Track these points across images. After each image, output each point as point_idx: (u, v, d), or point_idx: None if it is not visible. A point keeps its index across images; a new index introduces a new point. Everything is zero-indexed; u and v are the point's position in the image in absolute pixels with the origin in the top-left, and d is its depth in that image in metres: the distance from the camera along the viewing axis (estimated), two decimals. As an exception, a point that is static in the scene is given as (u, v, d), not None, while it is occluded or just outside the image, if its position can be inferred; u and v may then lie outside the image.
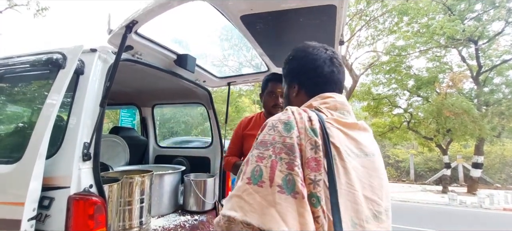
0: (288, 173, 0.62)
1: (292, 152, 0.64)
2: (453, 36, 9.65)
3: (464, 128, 9.58)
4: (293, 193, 0.60)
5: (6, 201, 1.18)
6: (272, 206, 0.59)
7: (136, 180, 1.56)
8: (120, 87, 2.60)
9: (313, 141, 0.66)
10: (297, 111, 0.72)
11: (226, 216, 0.62)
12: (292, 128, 0.67)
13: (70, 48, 1.40)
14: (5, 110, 1.82)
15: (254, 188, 0.62)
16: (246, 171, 0.66)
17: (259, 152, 0.67)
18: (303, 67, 0.86)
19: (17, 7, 9.81)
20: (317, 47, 0.87)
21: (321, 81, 0.84)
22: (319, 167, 0.64)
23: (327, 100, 0.79)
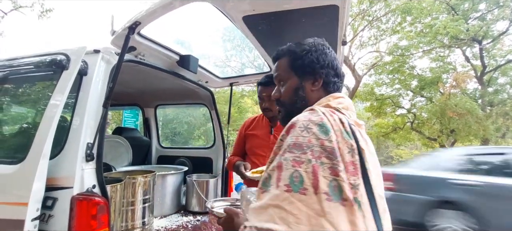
0: (332, 178, 0.57)
1: (334, 156, 0.59)
2: (457, 36, 9.59)
3: (468, 128, 9.51)
4: (342, 200, 0.56)
5: (9, 201, 1.19)
6: (321, 216, 0.53)
7: (139, 180, 1.57)
8: (123, 88, 2.61)
9: (349, 144, 0.62)
10: (327, 112, 0.68)
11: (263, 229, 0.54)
12: (329, 131, 0.62)
13: (74, 49, 1.41)
14: (9, 111, 1.84)
15: (297, 196, 0.55)
16: (281, 177, 0.59)
17: (294, 155, 0.59)
18: (330, 62, 0.82)
19: (22, 9, 9.91)
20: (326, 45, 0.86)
21: (338, 80, 0.83)
22: (357, 171, 0.61)
23: (341, 101, 0.76)
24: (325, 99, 0.78)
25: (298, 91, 0.84)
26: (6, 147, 1.67)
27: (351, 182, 0.59)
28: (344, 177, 0.58)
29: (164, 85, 2.45)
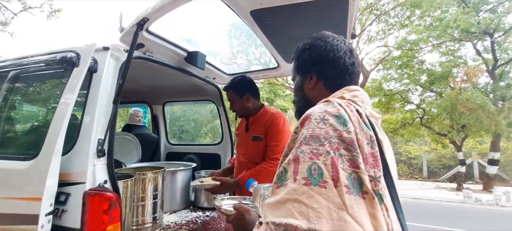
0: (352, 171, 0.55)
1: (354, 148, 0.57)
2: (468, 29, 9.36)
3: (479, 123, 9.30)
4: (362, 193, 0.54)
5: (24, 197, 1.22)
6: (342, 210, 0.51)
7: (149, 176, 1.58)
8: (132, 85, 2.64)
9: (368, 135, 0.60)
10: (344, 103, 0.65)
11: (282, 225, 0.52)
12: (346, 122, 0.60)
13: (83, 46, 1.42)
14: (22, 108, 1.87)
15: (316, 189, 0.53)
16: (298, 170, 0.56)
17: (311, 147, 0.57)
18: (324, 57, 0.80)
19: (31, 9, 10.08)
20: (336, 37, 0.83)
21: (343, 73, 0.79)
22: (377, 163, 0.59)
23: (356, 94, 0.73)
24: (339, 92, 0.75)
25: (299, 90, 0.86)
26: (20, 144, 1.71)
27: (371, 174, 0.57)
28: (364, 169, 0.56)
29: (172, 82, 2.46)
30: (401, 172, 15.18)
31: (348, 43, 0.84)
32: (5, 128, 1.70)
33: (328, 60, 0.80)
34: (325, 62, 0.80)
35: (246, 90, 1.85)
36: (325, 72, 0.80)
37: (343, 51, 0.80)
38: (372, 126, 0.64)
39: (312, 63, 0.82)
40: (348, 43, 0.84)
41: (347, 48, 0.81)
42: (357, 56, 0.84)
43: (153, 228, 1.60)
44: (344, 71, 0.79)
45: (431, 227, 5.53)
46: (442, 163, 14.15)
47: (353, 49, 0.83)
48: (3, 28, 9.95)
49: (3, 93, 1.67)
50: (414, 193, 9.73)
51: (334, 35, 0.85)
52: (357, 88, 0.76)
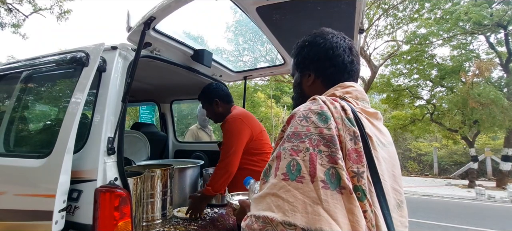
0: (330, 166, 0.56)
1: (333, 144, 0.58)
2: (480, 21, 9.09)
3: (492, 119, 9.06)
4: (339, 188, 0.55)
5: (38, 193, 1.25)
6: (317, 204, 0.53)
7: (158, 173, 1.60)
8: (139, 84, 2.67)
9: (351, 131, 0.61)
10: (328, 100, 0.66)
11: (260, 217, 0.55)
12: (328, 118, 0.61)
13: (92, 46, 1.44)
14: (34, 108, 1.92)
15: (293, 184, 0.56)
16: (279, 166, 0.59)
17: (292, 144, 0.60)
18: (322, 55, 0.80)
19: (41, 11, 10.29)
20: (336, 35, 0.82)
21: (341, 71, 0.79)
22: (361, 159, 0.59)
23: (349, 90, 0.74)
24: (332, 89, 0.76)
25: (298, 87, 0.87)
26: (33, 142, 1.76)
27: (354, 170, 0.58)
28: (343, 165, 0.57)
29: (179, 80, 2.48)
30: (411, 169, 14.96)
31: (348, 40, 0.83)
32: (19, 127, 1.75)
33: (327, 57, 0.79)
34: (323, 60, 0.80)
35: (214, 97, 1.97)
36: (323, 70, 0.80)
37: (342, 48, 0.80)
38: (359, 121, 0.64)
39: (311, 60, 0.82)
40: (348, 40, 0.83)
41: (346, 45, 0.81)
42: (357, 53, 0.83)
43: (163, 224, 1.62)
44: (342, 69, 0.79)
45: (443, 225, 5.44)
46: (453, 160, 13.87)
47: (353, 47, 0.83)
48: (15, 30, 10.20)
49: (16, 93, 1.72)
50: (424, 190, 9.57)
51: (334, 32, 0.84)
52: (352, 84, 0.77)
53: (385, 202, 0.60)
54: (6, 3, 9.66)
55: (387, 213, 0.60)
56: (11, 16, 10.00)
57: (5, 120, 1.70)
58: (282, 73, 2.74)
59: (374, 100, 17.96)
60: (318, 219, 0.51)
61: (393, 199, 0.67)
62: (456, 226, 5.35)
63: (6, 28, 10.03)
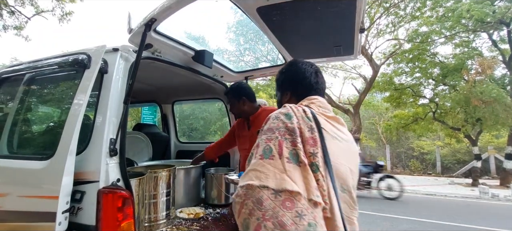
0: (292, 148, 0.80)
1: (294, 133, 0.82)
2: (482, 19, 9.02)
3: (495, 117, 8.99)
4: (298, 163, 0.79)
5: (42, 195, 1.26)
6: (283, 173, 0.76)
7: (160, 174, 1.61)
8: (141, 86, 2.68)
9: (309, 124, 0.86)
10: (293, 106, 0.92)
11: (244, 185, 0.77)
12: (291, 117, 0.86)
13: (94, 48, 1.45)
14: (37, 110, 1.93)
15: (267, 161, 0.79)
16: (258, 151, 0.82)
17: (267, 136, 0.84)
18: (294, 79, 1.10)
19: (43, 13, 10.34)
20: (305, 63, 1.12)
21: (309, 89, 1.07)
22: (316, 143, 0.83)
23: (313, 101, 1.01)
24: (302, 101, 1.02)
25: (279, 103, 1.15)
26: (36, 144, 1.77)
27: (310, 151, 0.82)
28: (301, 147, 0.81)
29: (181, 81, 2.49)
30: (413, 168, 14.89)
31: (314, 67, 1.11)
32: (22, 129, 1.76)
33: (298, 81, 1.09)
34: (295, 83, 1.10)
35: (243, 95, 2.08)
36: (296, 90, 1.10)
37: (309, 73, 1.09)
38: (316, 119, 0.88)
39: (288, 84, 1.12)
40: (314, 67, 1.11)
41: (312, 70, 1.09)
42: (321, 75, 1.11)
43: (165, 224, 1.63)
44: (310, 88, 1.07)
45: (446, 224, 5.41)
46: (456, 158, 13.79)
47: (318, 70, 1.11)
48: (18, 33, 10.26)
49: (19, 95, 1.74)
50: (427, 189, 9.53)
51: (304, 62, 1.13)
52: (316, 97, 1.04)
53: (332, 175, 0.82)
54: (8, 6, 9.72)
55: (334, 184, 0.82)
56: (13, 19, 10.07)
57: (8, 122, 1.71)
58: (283, 73, 2.74)
59: (376, 99, 17.91)
60: (283, 182, 0.75)
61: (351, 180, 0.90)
62: (459, 225, 5.33)
63: (8, 31, 10.10)
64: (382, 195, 7.72)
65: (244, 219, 0.75)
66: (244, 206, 0.76)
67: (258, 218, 0.72)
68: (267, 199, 0.73)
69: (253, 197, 0.74)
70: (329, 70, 14.16)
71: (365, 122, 17.46)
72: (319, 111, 0.95)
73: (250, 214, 0.74)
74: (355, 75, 14.26)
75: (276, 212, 0.71)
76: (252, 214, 0.73)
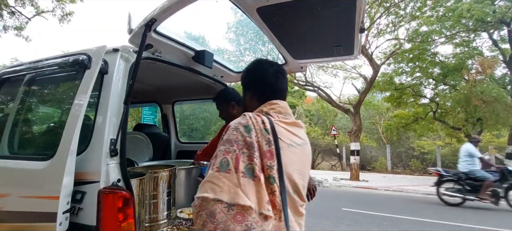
0: (248, 162, 0.83)
1: (252, 148, 0.85)
2: (482, 18, 9.02)
3: (495, 116, 9.00)
4: (253, 177, 0.82)
5: (42, 195, 1.26)
6: (237, 187, 0.79)
7: (161, 174, 1.61)
8: (141, 86, 2.68)
9: (267, 138, 0.89)
10: (253, 116, 0.93)
11: (200, 197, 0.80)
12: (251, 130, 0.88)
13: (94, 49, 1.45)
14: (38, 110, 1.94)
15: (223, 174, 0.81)
16: (215, 163, 0.84)
17: (225, 148, 0.86)
18: (256, 80, 1.12)
19: (44, 14, 10.36)
20: (269, 64, 1.13)
21: (268, 91, 1.09)
22: (272, 156, 0.87)
23: (274, 106, 1.04)
24: (262, 106, 1.05)
25: (244, 101, 1.17)
26: (37, 145, 1.77)
27: (267, 164, 0.86)
28: (257, 162, 0.84)
29: (181, 81, 2.49)
30: (414, 168, 14.89)
31: (276, 67, 1.12)
32: (22, 130, 1.76)
33: (259, 81, 1.11)
34: (257, 83, 1.12)
35: (231, 100, 2.10)
36: (256, 90, 1.11)
37: (271, 74, 1.09)
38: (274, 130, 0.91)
39: (249, 83, 1.14)
40: (276, 67, 1.12)
41: (273, 71, 1.10)
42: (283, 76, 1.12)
43: (166, 224, 1.63)
44: (270, 89, 1.09)
45: (447, 224, 5.41)
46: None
47: (281, 72, 1.12)
48: (18, 33, 10.27)
49: (20, 96, 1.74)
50: (427, 189, 9.52)
51: (268, 62, 1.15)
52: (277, 102, 1.06)
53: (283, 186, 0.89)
54: (9, 6, 9.73)
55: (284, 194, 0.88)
56: (14, 19, 10.08)
57: (9, 122, 1.71)
58: (284, 73, 2.74)
59: (377, 99, 17.90)
60: (237, 196, 0.78)
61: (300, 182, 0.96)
62: (460, 224, 5.33)
63: (9, 31, 10.11)
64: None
65: (199, 229, 0.79)
66: (198, 217, 0.79)
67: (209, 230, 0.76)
68: (220, 212, 0.77)
69: (207, 209, 0.78)
70: (329, 70, 14.16)
71: (365, 121, 17.45)
72: (278, 119, 0.99)
73: (203, 225, 0.77)
74: (355, 75, 14.27)
75: (227, 225, 0.75)
76: (205, 226, 0.77)
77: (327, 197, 8.10)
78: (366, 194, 8.89)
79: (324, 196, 8.18)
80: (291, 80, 14.02)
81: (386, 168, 15.22)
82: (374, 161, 16.47)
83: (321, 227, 4.98)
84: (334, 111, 19.21)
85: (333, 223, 5.22)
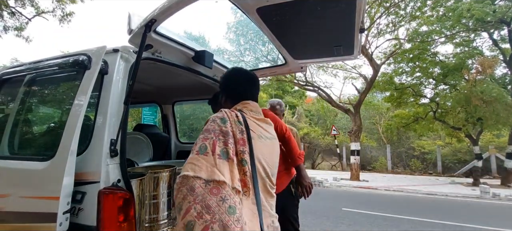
0: (224, 147, 1.01)
1: (227, 135, 1.03)
2: (483, 18, 9.00)
3: (496, 116, 8.97)
4: (227, 159, 0.99)
5: (42, 196, 1.26)
6: (214, 166, 0.95)
7: (161, 174, 1.61)
8: (141, 86, 2.68)
9: (239, 128, 1.07)
10: (228, 111, 1.13)
11: (181, 176, 0.95)
12: (226, 121, 1.06)
13: (94, 49, 1.45)
14: (38, 111, 1.94)
15: (202, 156, 0.97)
16: (195, 148, 1.00)
17: (204, 135, 1.03)
18: (229, 85, 1.33)
19: (44, 14, 10.36)
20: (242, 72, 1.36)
21: (241, 95, 1.29)
22: (245, 143, 1.05)
23: (246, 105, 1.25)
24: (237, 104, 1.26)
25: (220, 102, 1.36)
26: (37, 145, 1.77)
27: (240, 149, 1.03)
28: (231, 146, 1.01)
29: (181, 82, 2.49)
30: (414, 168, 14.88)
31: (250, 76, 1.33)
32: (23, 130, 1.76)
33: (231, 88, 1.32)
34: (229, 89, 1.33)
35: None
36: (229, 94, 1.32)
37: (243, 80, 1.32)
38: (246, 122, 1.11)
39: (224, 88, 1.34)
40: (250, 76, 1.33)
41: (245, 79, 1.32)
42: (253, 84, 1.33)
43: (166, 225, 1.63)
44: (242, 93, 1.29)
45: (447, 224, 5.41)
46: (457, 158, 13.77)
47: (252, 79, 1.33)
48: (18, 33, 10.28)
49: (20, 96, 1.74)
50: (428, 189, 9.52)
51: (242, 71, 1.37)
52: (248, 102, 1.26)
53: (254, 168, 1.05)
54: (9, 7, 9.73)
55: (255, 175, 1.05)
56: (14, 19, 10.08)
57: (9, 123, 1.71)
58: (284, 73, 2.74)
59: (377, 99, 17.89)
60: (213, 173, 0.94)
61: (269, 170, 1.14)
62: (460, 224, 5.32)
63: (9, 32, 10.11)
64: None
65: (179, 202, 0.92)
66: (179, 192, 0.93)
67: (189, 202, 0.90)
68: (198, 187, 0.91)
69: (187, 185, 0.92)
70: (329, 70, 14.16)
71: (365, 121, 17.44)
72: (250, 115, 1.18)
73: (183, 198, 0.91)
74: (356, 75, 14.26)
75: (204, 197, 0.90)
76: (185, 198, 0.91)
77: (327, 197, 8.09)
78: (366, 194, 8.89)
79: (324, 196, 8.18)
80: (291, 81, 14.02)
81: (386, 168, 15.21)
82: (374, 161, 16.46)
83: (322, 227, 4.98)
84: (334, 111, 19.20)
85: (333, 223, 5.22)
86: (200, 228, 0.86)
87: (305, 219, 5.24)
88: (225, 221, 0.88)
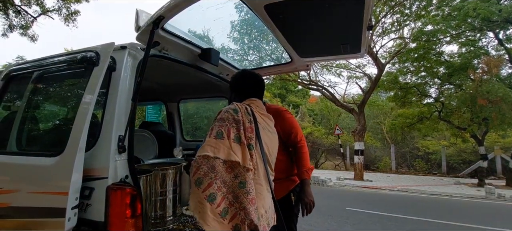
0: (237, 133, 1.23)
1: (239, 123, 1.25)
2: (488, 17, 8.90)
3: (501, 116, 8.86)
4: (239, 143, 1.22)
5: (51, 191, 1.27)
6: (229, 149, 1.18)
7: (168, 171, 1.61)
8: (148, 84, 2.69)
9: (248, 118, 1.30)
10: (239, 104, 1.35)
11: (202, 155, 1.17)
12: (238, 111, 1.29)
13: (102, 46, 1.46)
14: (46, 107, 1.95)
15: (219, 140, 1.20)
16: (212, 133, 1.22)
17: (219, 123, 1.25)
18: (237, 85, 1.58)
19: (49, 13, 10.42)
20: (249, 73, 1.61)
21: (247, 93, 1.53)
22: (252, 131, 1.27)
23: (253, 102, 1.48)
24: (244, 101, 1.47)
25: (230, 99, 1.63)
26: (45, 141, 1.78)
27: (248, 135, 1.25)
28: (243, 132, 1.24)
29: (187, 79, 2.49)
30: (418, 168, 14.77)
31: (258, 77, 1.59)
32: (31, 126, 1.77)
33: (240, 86, 1.57)
34: (238, 88, 1.57)
35: None
36: (238, 93, 1.56)
37: (251, 82, 1.56)
38: (254, 114, 1.33)
39: (233, 87, 1.60)
40: (258, 77, 1.59)
41: (253, 81, 1.57)
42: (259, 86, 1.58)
43: (172, 221, 1.64)
44: (248, 92, 1.53)
45: (451, 224, 5.36)
46: (462, 158, 13.63)
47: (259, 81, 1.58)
48: (23, 32, 10.35)
49: (28, 93, 1.75)
50: (432, 189, 9.45)
51: (249, 74, 1.60)
52: (255, 99, 1.51)
53: (263, 151, 1.31)
54: (14, 5, 9.82)
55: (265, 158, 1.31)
56: (19, 18, 10.16)
57: (17, 119, 1.73)
58: (289, 71, 2.74)
59: (381, 98, 17.77)
60: (230, 155, 1.17)
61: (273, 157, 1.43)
62: (465, 225, 5.28)
63: (14, 30, 10.19)
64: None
65: (198, 177, 1.14)
66: (199, 169, 1.15)
67: (211, 178, 1.13)
68: (218, 166, 1.15)
69: (208, 164, 1.15)
70: (333, 69, 14.09)
71: (370, 121, 17.35)
72: (256, 110, 1.40)
73: (205, 175, 1.14)
74: (360, 74, 14.18)
75: (222, 174, 1.16)
76: (207, 175, 1.14)
77: (331, 196, 8.07)
78: (370, 194, 8.85)
79: (328, 195, 8.16)
80: (295, 80, 13.98)
81: (390, 168, 15.12)
82: (378, 160, 16.36)
83: (326, 226, 4.97)
84: (338, 110, 19.12)
85: (337, 223, 5.20)
86: (219, 198, 1.13)
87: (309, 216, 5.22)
88: (237, 193, 1.16)
